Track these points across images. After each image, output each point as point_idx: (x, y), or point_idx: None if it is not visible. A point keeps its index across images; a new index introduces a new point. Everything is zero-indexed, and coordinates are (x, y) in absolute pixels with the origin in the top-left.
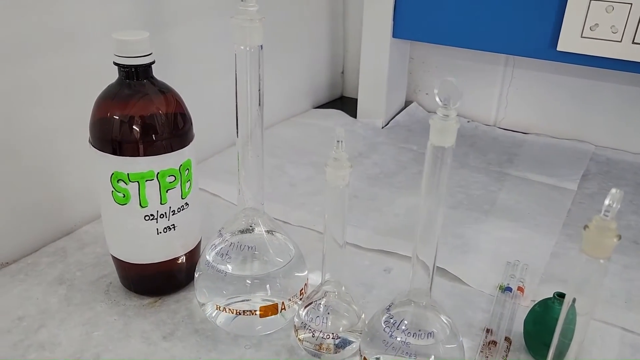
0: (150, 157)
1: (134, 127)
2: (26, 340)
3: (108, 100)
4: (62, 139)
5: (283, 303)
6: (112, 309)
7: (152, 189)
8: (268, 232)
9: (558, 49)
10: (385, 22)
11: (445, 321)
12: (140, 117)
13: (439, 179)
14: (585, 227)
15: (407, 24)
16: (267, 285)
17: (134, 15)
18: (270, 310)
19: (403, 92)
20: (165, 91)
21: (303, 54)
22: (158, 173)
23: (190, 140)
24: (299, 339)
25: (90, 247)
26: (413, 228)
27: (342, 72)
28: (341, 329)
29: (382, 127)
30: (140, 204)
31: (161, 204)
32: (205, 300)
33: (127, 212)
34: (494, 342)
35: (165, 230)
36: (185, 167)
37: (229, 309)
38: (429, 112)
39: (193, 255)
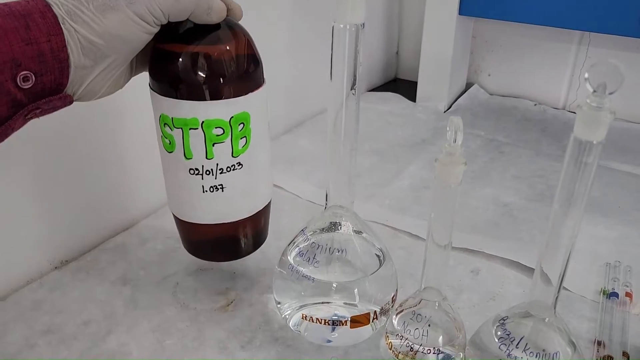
0: (195, 102)
1: (188, 66)
2: (94, 348)
3: (159, 34)
4: (120, 126)
5: (375, 312)
6: (183, 314)
7: (196, 139)
8: (356, 232)
9: None
10: None
11: (571, 342)
12: (202, 55)
13: (581, 180)
14: None
15: (475, 0)
16: (356, 291)
17: None
18: (361, 320)
19: (464, 73)
20: (234, 28)
21: None
22: (203, 122)
23: (249, 90)
24: (394, 352)
25: (151, 243)
26: (496, 224)
27: (397, 53)
28: (441, 342)
29: (445, 112)
30: (184, 155)
31: (207, 158)
32: (288, 307)
33: (174, 161)
34: (610, 357)
35: (211, 189)
36: (239, 120)
37: (316, 319)
38: (491, 94)
39: (254, 224)
